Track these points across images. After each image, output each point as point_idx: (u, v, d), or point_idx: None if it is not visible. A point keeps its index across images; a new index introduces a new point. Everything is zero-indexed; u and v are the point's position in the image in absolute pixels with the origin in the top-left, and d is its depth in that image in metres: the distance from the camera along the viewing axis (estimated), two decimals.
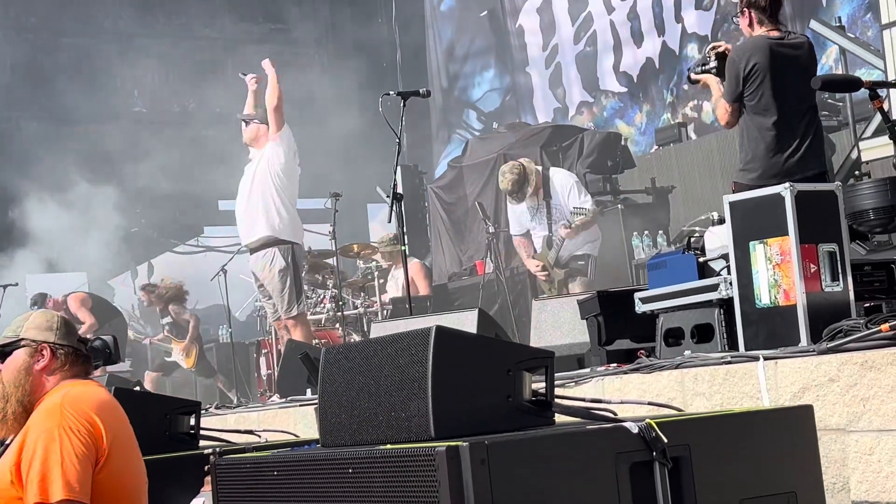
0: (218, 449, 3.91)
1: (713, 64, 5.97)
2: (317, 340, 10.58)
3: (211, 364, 13.54)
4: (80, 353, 3.65)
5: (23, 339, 3.64)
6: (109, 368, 9.16)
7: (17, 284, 12.66)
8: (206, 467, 3.52)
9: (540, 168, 9.39)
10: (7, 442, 3.65)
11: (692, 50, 14.11)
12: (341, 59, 19.31)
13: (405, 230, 8.01)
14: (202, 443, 4.80)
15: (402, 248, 7.83)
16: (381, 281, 11.56)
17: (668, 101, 14.58)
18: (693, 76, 6.14)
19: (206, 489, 3.60)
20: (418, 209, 15.16)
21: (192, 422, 4.76)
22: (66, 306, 12.20)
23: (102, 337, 3.76)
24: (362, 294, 11.55)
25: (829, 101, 11.40)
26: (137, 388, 7.81)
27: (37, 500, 3.27)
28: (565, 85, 16.36)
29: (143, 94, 17.67)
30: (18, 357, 3.62)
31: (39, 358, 3.61)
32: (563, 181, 8.91)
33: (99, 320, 12.12)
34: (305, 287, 11.51)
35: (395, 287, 11.53)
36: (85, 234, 14.78)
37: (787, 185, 4.44)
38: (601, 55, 15.62)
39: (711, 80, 6.01)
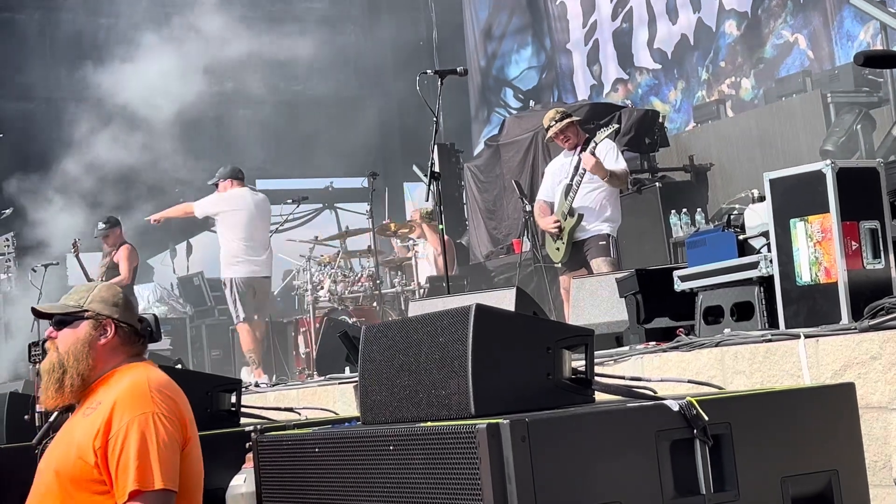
0: (259, 426, 3.93)
1: None
2: (354, 319, 10.62)
3: None
4: (137, 332, 3.59)
5: (87, 310, 3.54)
6: (151, 347, 9.24)
7: (57, 263, 12.77)
8: (247, 445, 3.54)
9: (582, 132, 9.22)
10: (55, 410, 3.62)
11: (730, 27, 13.99)
12: (378, 38, 19.31)
13: (442, 209, 8.01)
14: (243, 420, 4.84)
15: (441, 227, 7.82)
16: (418, 259, 11.59)
17: (704, 79, 14.46)
18: None
19: (248, 466, 3.63)
20: (455, 188, 15.16)
21: (234, 399, 4.80)
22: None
23: (144, 315, 3.74)
24: (399, 272, 11.58)
25: (870, 76, 11.30)
26: (179, 367, 7.87)
27: (134, 487, 3.20)
28: (602, 62, 16.28)
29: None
30: (81, 329, 3.51)
31: (103, 333, 3.51)
32: (603, 145, 8.70)
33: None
34: (342, 265, 11.56)
35: (425, 264, 11.54)
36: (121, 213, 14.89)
37: (828, 161, 4.40)
38: (636, 31, 15.52)
39: None
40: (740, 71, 13.82)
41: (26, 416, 4.79)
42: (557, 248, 8.76)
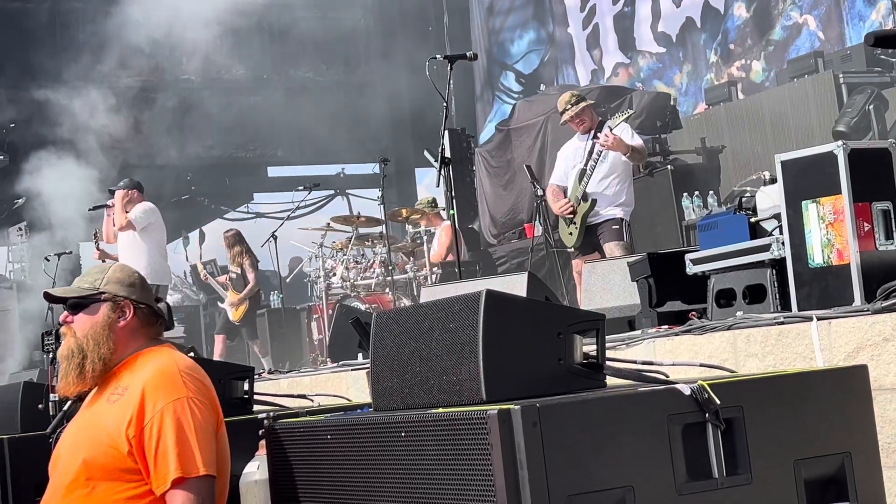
0: (272, 413, 3.94)
1: None
2: (367, 305, 10.63)
3: (254, 328, 13.59)
4: (155, 313, 3.50)
5: (104, 292, 3.43)
6: (165, 334, 9.25)
7: (70, 252, 12.83)
8: (260, 432, 3.54)
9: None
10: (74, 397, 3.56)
11: (739, 9, 13.92)
12: (388, 23, 19.29)
13: (453, 194, 8.00)
14: (256, 407, 4.85)
15: (451, 212, 7.82)
16: (428, 245, 11.60)
17: (712, 61, 14.39)
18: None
19: (261, 453, 3.63)
20: (466, 173, 15.16)
21: (246, 387, 4.81)
22: None
23: (159, 298, 3.70)
24: (411, 258, 11.59)
25: (882, 56, 11.23)
26: (192, 354, 7.88)
27: (178, 475, 3.14)
28: (602, 45, 16.21)
29: (191, 61, 17.74)
30: (99, 312, 3.41)
31: (121, 315, 3.42)
32: (618, 128, 8.70)
33: None
34: (354, 251, 11.57)
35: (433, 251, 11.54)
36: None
37: (839, 143, 4.38)
38: (639, 15, 15.45)
39: None
40: (750, 53, 13.76)
41: (40, 406, 4.81)
42: (570, 233, 8.76)
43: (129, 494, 3.21)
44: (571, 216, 8.70)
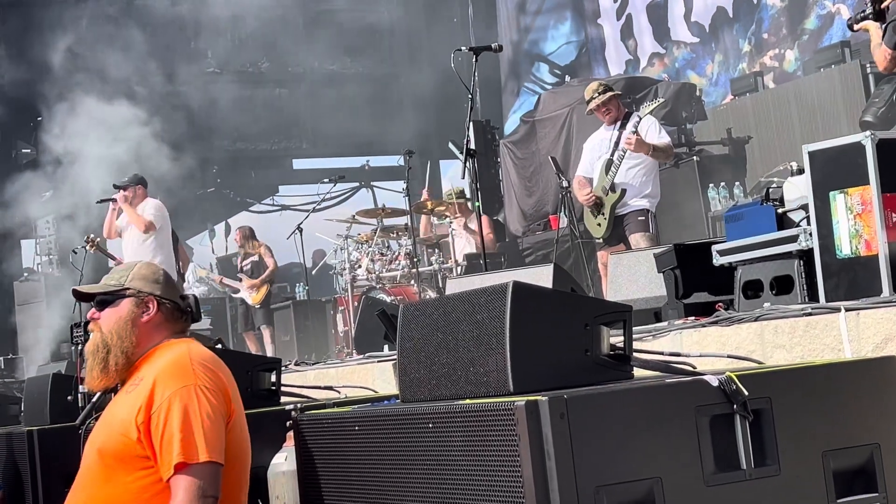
0: (299, 405, 3.96)
1: (870, 10, 6.40)
2: (392, 297, 10.64)
3: (271, 314, 13.64)
4: (180, 309, 3.56)
5: (128, 288, 3.51)
6: (192, 327, 9.28)
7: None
8: (287, 423, 3.56)
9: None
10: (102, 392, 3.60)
11: None
12: (413, 15, 19.27)
13: (478, 186, 8.00)
14: (283, 399, 4.87)
15: (477, 204, 7.82)
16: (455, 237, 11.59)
17: (745, 51, 14.30)
18: (855, 26, 6.64)
19: (289, 444, 3.65)
20: (490, 165, 15.14)
21: (274, 378, 4.83)
22: None
23: (185, 295, 3.73)
24: (436, 250, 11.59)
25: None
26: (219, 346, 7.92)
27: (180, 460, 3.16)
28: (636, 36, 16.15)
29: (217, 54, 17.79)
30: (124, 307, 3.49)
31: (145, 310, 3.49)
32: (645, 121, 8.68)
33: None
34: (379, 243, 11.59)
35: (461, 242, 11.54)
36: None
37: (868, 133, 4.36)
38: (672, 4, 15.39)
39: (871, 26, 6.41)
40: (784, 42, 13.66)
41: (69, 397, 4.85)
42: (599, 224, 8.76)
43: (143, 483, 3.25)
44: (598, 207, 8.69)
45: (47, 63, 14.75)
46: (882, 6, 6.30)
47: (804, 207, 4.70)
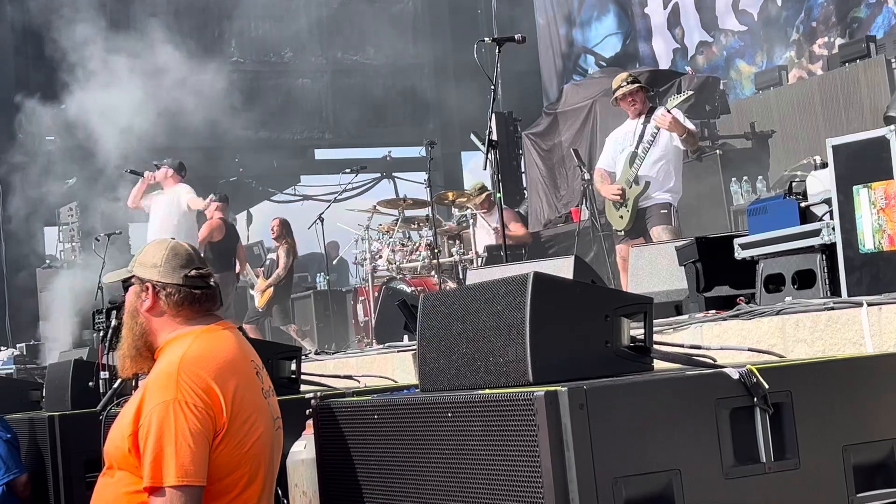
0: (319, 393, 3.97)
1: None
2: (413, 288, 10.66)
3: (288, 312, 13.59)
4: (188, 292, 3.29)
5: (133, 276, 3.33)
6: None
7: (120, 233, 12.92)
8: (307, 411, 3.57)
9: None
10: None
11: None
12: (436, 6, 19.25)
13: (500, 178, 7.99)
14: (303, 387, 4.89)
15: (498, 195, 7.81)
16: (476, 229, 11.60)
17: (793, 39, 14.16)
18: None
19: (308, 433, 3.66)
20: (513, 157, 15.13)
21: (294, 367, 4.85)
22: None
23: (198, 271, 3.56)
24: (457, 242, 11.59)
25: None
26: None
27: (149, 483, 3.01)
28: (683, 25, 16.03)
29: (241, 43, 17.82)
30: (130, 296, 3.33)
31: (144, 298, 3.29)
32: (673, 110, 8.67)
33: None
34: (400, 234, 11.60)
35: (484, 234, 11.54)
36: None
37: (891, 127, 4.33)
38: None
39: None
40: (834, 30, 13.55)
41: (91, 383, 4.87)
42: (621, 216, 8.74)
43: (133, 489, 3.14)
44: (621, 200, 8.68)
45: (70, 46, 14.81)
46: None
47: (827, 201, 4.68)
